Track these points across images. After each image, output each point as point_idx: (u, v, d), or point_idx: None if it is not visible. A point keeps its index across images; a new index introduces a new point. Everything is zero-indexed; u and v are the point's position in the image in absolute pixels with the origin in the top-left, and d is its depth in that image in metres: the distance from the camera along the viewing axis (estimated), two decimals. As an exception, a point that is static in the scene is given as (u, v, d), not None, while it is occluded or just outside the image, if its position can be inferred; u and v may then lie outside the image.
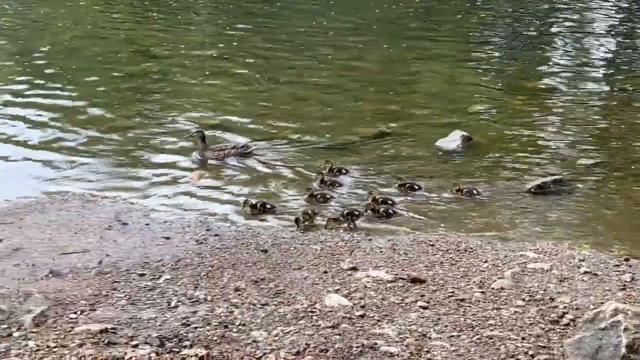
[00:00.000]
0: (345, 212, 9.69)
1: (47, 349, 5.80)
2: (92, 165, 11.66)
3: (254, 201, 9.91)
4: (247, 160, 11.77)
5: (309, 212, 9.58)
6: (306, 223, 9.41)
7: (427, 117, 13.88)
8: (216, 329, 6.23)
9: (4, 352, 5.76)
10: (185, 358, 5.79)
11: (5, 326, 6.14)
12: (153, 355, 5.76)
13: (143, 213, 9.77)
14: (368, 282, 7.38)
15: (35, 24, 21.85)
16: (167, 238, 8.74)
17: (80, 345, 5.85)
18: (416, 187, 10.68)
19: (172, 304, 6.73)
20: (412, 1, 25.25)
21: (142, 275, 7.48)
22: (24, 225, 9.10)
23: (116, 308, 6.63)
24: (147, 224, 9.27)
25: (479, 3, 24.62)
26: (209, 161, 11.78)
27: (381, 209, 9.90)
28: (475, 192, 10.53)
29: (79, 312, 6.47)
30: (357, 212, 9.77)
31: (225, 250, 8.34)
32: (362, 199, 10.38)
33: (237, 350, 5.94)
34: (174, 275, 7.47)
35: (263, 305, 6.78)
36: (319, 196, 10.31)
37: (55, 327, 6.17)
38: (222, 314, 6.53)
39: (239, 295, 6.99)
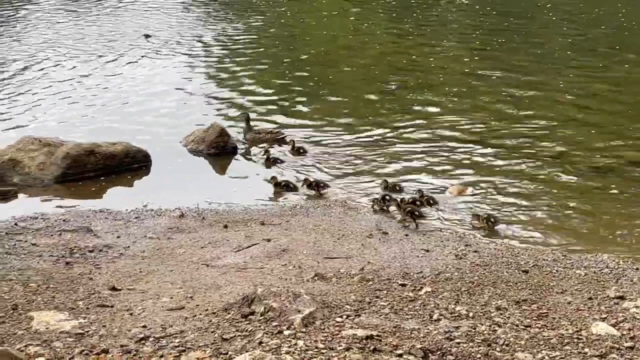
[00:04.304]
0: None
1: (315, 350, 5.97)
2: (354, 175, 11.93)
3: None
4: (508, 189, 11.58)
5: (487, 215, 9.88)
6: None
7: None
8: (479, 346, 6.18)
9: (275, 348, 6.00)
10: (450, 373, 5.79)
11: (276, 324, 6.40)
12: (418, 366, 5.80)
13: (402, 224, 9.90)
14: (637, 312, 7.06)
15: (300, 32, 22.84)
16: (426, 250, 8.80)
17: (347, 350, 5.98)
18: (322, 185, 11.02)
19: (434, 317, 6.74)
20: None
21: (403, 285, 7.58)
22: (290, 227, 9.50)
23: (380, 316, 6.73)
24: (406, 235, 9.39)
25: None
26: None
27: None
28: (417, 203, 10.40)
29: (344, 317, 6.63)
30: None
31: (484, 267, 8.27)
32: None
33: (501, 370, 5.87)
34: (435, 288, 7.49)
35: (526, 326, 6.65)
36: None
37: (323, 329, 6.35)
38: (485, 332, 6.46)
39: (501, 314, 6.89)
